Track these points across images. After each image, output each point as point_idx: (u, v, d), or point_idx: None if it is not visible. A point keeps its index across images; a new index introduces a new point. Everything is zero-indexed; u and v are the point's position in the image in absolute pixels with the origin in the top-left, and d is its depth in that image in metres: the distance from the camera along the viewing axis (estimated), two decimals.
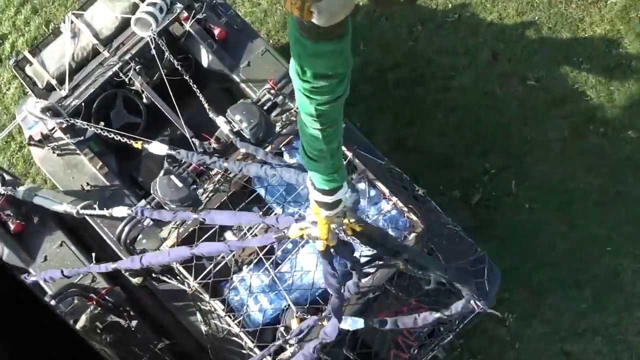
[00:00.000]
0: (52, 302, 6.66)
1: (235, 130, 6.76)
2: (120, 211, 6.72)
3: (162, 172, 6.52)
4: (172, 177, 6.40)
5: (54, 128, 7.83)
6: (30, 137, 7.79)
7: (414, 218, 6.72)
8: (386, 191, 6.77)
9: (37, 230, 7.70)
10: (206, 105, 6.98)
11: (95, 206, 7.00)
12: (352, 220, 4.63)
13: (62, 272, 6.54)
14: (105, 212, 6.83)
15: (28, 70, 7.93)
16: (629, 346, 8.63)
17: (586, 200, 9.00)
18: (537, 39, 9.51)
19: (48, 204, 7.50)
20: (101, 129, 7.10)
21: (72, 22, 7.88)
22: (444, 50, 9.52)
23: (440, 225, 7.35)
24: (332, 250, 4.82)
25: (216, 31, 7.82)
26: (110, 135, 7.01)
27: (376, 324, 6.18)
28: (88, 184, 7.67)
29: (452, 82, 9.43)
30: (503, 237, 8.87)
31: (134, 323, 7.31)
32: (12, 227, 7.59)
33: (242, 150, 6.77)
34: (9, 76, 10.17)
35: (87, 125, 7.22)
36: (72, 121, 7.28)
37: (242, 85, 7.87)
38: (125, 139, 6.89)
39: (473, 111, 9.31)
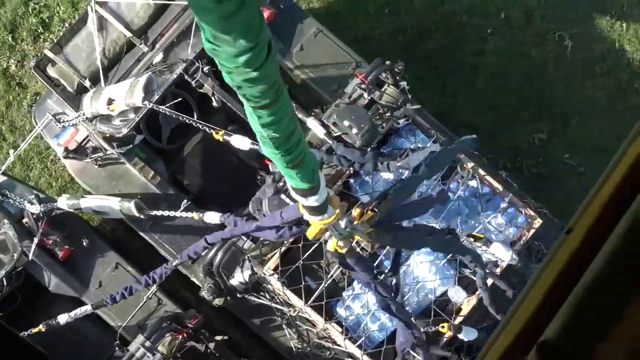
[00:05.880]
0: (147, 343, 5.91)
1: (335, 134, 6.03)
2: (213, 217, 5.99)
3: (269, 191, 5.76)
4: (282, 196, 5.66)
5: (87, 136, 6.94)
6: (67, 149, 6.85)
7: (531, 213, 6.25)
8: (500, 187, 6.26)
9: (86, 253, 6.87)
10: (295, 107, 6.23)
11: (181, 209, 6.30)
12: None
13: (205, 240, 5.57)
14: (194, 214, 6.10)
15: (51, 71, 6.95)
16: None
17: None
18: None
19: (100, 203, 6.68)
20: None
21: (96, 11, 6.92)
22: (475, 11, 8.95)
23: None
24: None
25: (265, 14, 6.99)
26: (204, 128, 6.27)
27: None
28: (139, 196, 6.84)
29: (486, 46, 8.91)
30: (557, 204, 8.49)
31: (211, 345, 6.65)
32: (59, 254, 6.72)
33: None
34: None
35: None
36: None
37: (297, 71, 7.14)
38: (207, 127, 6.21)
39: (513, 76, 8.84)
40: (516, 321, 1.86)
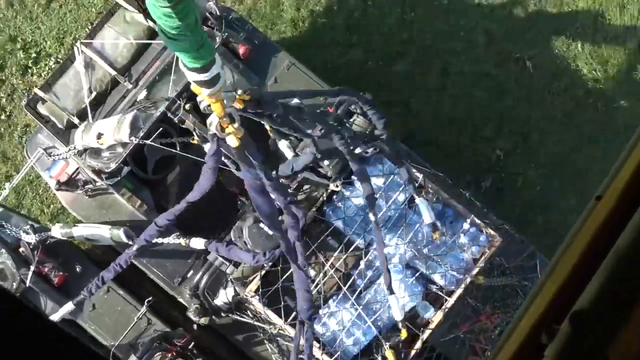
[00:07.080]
0: None
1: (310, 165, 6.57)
2: (198, 243, 6.56)
3: (250, 220, 6.27)
4: (262, 225, 6.18)
5: (77, 168, 7.41)
6: (58, 182, 7.32)
7: (492, 232, 6.78)
8: (462, 209, 6.78)
9: (80, 278, 7.33)
10: (269, 130, 6.78)
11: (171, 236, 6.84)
12: (239, 92, 5.03)
13: (156, 224, 6.34)
14: (181, 240, 6.66)
15: (41, 108, 7.40)
16: None
17: (592, 170, 9.24)
18: (526, 16, 9.62)
19: (91, 231, 7.16)
20: None
21: (82, 52, 7.38)
22: (440, 33, 9.48)
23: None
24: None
25: (240, 50, 7.50)
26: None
27: None
28: (128, 224, 7.32)
29: (450, 67, 9.45)
30: (518, 216, 9.05)
31: None
32: (55, 280, 7.20)
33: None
34: None
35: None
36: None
37: None
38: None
39: (476, 95, 9.37)
40: (548, 290, 1.83)
